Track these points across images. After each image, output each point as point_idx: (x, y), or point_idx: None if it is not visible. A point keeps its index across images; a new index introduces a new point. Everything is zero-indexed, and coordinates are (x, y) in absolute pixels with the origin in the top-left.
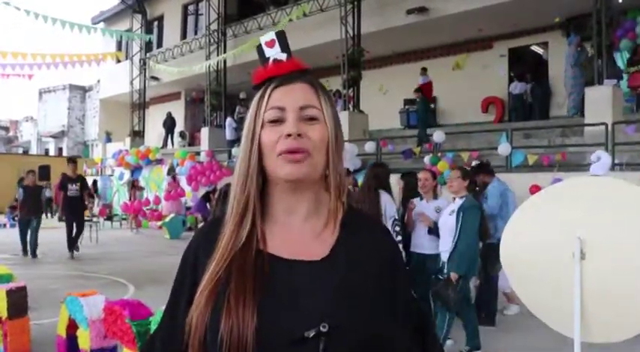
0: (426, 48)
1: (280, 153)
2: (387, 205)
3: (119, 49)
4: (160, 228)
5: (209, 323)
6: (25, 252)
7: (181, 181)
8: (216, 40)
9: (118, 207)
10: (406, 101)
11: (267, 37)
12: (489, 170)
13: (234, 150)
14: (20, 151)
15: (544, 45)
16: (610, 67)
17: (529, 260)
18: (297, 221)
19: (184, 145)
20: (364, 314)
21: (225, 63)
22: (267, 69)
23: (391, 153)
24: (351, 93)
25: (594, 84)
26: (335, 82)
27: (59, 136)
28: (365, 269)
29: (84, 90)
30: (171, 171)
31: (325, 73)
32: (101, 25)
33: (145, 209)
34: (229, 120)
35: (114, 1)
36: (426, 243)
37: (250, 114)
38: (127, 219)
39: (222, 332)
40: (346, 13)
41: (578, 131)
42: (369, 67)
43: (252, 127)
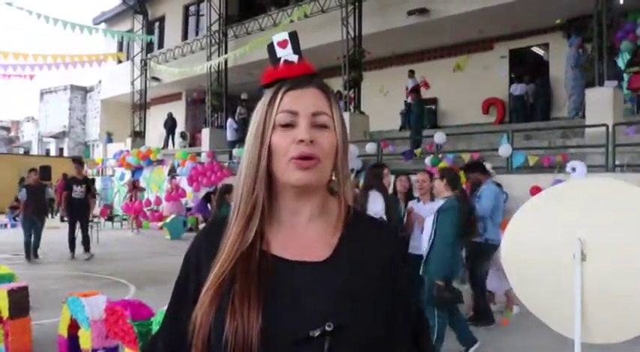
0: (427, 49)
1: (292, 159)
2: (370, 203)
3: (120, 49)
4: (161, 228)
5: (213, 324)
6: (29, 257)
7: (180, 182)
8: (217, 41)
9: (118, 208)
10: (407, 103)
11: (279, 36)
12: (484, 169)
13: (235, 151)
14: (21, 151)
15: (545, 46)
16: (610, 69)
17: (530, 261)
18: (301, 223)
19: (185, 146)
20: (366, 316)
21: (226, 64)
22: (278, 70)
23: (392, 154)
24: (352, 95)
25: (595, 85)
26: (336, 83)
27: (60, 137)
28: (367, 270)
29: (85, 90)
30: (172, 172)
31: (326, 73)
32: (102, 26)
33: (146, 209)
34: (230, 121)
35: (115, 2)
36: (423, 245)
37: (260, 115)
38: (127, 219)
39: (227, 333)
40: (347, 14)
41: (578, 132)
42: (369, 68)
43: (262, 129)
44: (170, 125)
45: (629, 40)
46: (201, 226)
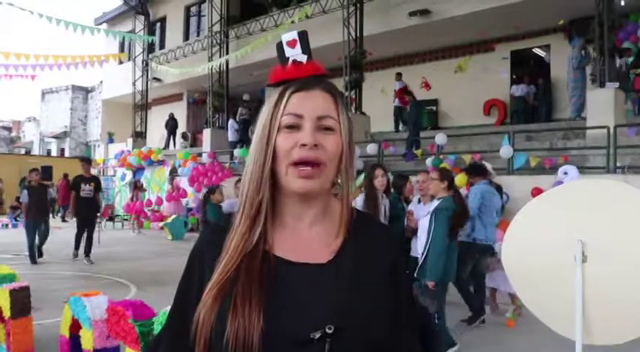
0: (429, 50)
1: (293, 163)
2: (357, 202)
3: (122, 50)
4: (162, 229)
5: (215, 323)
6: (35, 261)
7: (181, 182)
8: (219, 42)
9: (119, 208)
10: (396, 107)
11: (289, 36)
12: (477, 172)
13: (236, 151)
14: (22, 152)
15: (546, 47)
16: (612, 70)
17: (531, 262)
18: (304, 225)
19: (186, 146)
20: (367, 318)
21: (228, 64)
22: (286, 70)
23: (393, 155)
24: (353, 95)
25: (596, 87)
26: (337, 84)
27: (61, 137)
28: (370, 272)
29: (86, 91)
30: (173, 173)
31: (327, 74)
32: (104, 27)
33: (147, 210)
34: (231, 121)
35: (117, 3)
36: (418, 247)
37: (266, 116)
38: (128, 219)
39: (229, 333)
40: (349, 15)
41: (580, 134)
42: (371, 69)
43: (267, 130)
44: (171, 125)
45: (630, 42)
46: (201, 226)
